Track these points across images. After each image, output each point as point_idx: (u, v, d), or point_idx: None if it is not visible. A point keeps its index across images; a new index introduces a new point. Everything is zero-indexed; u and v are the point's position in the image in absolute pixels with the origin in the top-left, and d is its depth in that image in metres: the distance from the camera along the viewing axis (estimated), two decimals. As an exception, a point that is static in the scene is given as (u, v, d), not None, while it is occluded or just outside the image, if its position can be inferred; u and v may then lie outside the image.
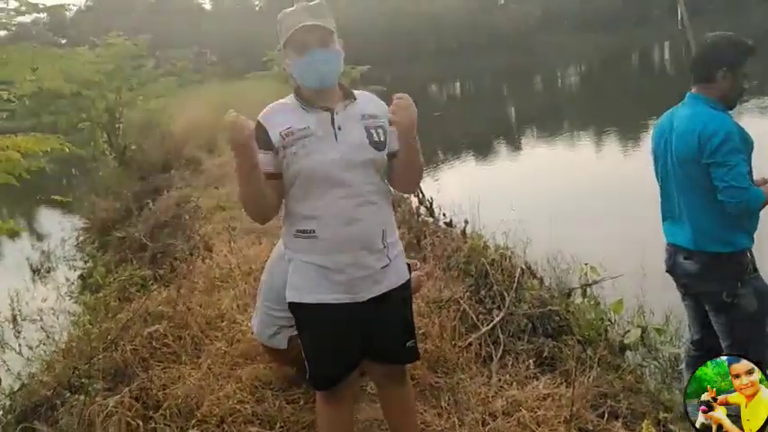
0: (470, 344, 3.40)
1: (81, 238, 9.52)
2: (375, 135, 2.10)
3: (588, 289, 4.75)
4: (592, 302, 4.49)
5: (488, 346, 3.43)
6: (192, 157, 11.10)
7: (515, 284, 4.19)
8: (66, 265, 8.38)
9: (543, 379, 3.03)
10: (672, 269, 2.82)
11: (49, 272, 8.24)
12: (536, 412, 2.69)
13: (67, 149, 4.45)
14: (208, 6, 57.88)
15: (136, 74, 13.33)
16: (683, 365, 3.30)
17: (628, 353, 3.94)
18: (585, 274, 4.94)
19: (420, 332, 3.46)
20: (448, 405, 2.86)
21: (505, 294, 4.00)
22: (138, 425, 2.81)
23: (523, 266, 4.93)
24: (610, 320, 4.35)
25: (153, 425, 2.82)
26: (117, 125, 12.46)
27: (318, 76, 2.06)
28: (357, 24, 42.42)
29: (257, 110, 2.13)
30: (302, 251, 2.10)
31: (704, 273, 2.68)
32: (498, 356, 3.32)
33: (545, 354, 3.43)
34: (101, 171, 12.65)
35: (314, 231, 2.06)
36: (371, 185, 2.10)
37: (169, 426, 2.78)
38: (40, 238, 10.75)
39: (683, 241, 2.72)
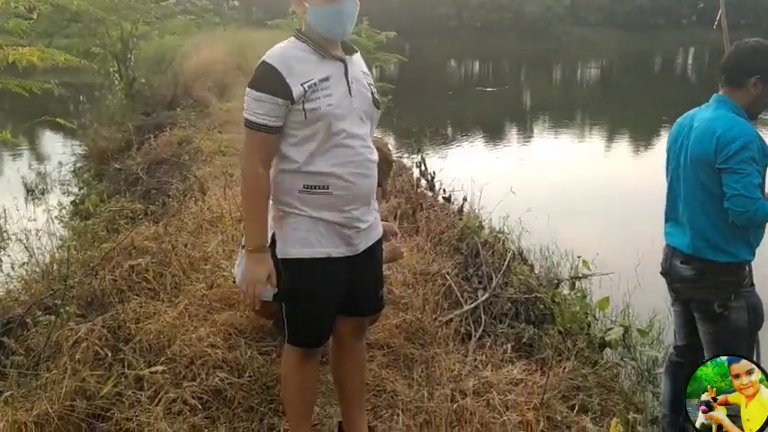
0: (451, 320, 3.36)
1: (78, 165, 9.47)
2: (374, 92, 2.12)
3: (577, 282, 4.72)
4: (579, 295, 4.45)
5: (469, 325, 3.39)
6: (201, 99, 10.93)
7: (504, 267, 4.15)
8: (61, 189, 8.33)
9: (519, 364, 2.99)
10: (666, 271, 2.76)
11: (43, 193, 8.18)
12: (506, 396, 2.65)
13: (63, 59, 4.35)
14: (236, -50, 56.64)
15: (155, 8, 13.07)
16: (661, 369, 3.27)
17: (607, 350, 3.91)
18: (577, 266, 4.90)
19: (402, 302, 3.43)
20: (420, 377, 2.82)
21: (493, 276, 3.97)
22: (106, 354, 2.78)
23: (515, 251, 4.90)
24: (594, 316, 4.32)
25: (121, 356, 2.79)
26: (129, 56, 12.24)
27: (345, 28, 2.04)
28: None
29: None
30: (310, 207, 2.02)
31: (698, 279, 2.62)
32: (477, 336, 3.29)
33: (524, 339, 3.40)
34: (107, 101, 12.50)
35: (327, 187, 1.99)
36: (371, 142, 2.12)
37: (137, 360, 2.75)
38: (39, 158, 10.69)
39: (681, 245, 2.66)
